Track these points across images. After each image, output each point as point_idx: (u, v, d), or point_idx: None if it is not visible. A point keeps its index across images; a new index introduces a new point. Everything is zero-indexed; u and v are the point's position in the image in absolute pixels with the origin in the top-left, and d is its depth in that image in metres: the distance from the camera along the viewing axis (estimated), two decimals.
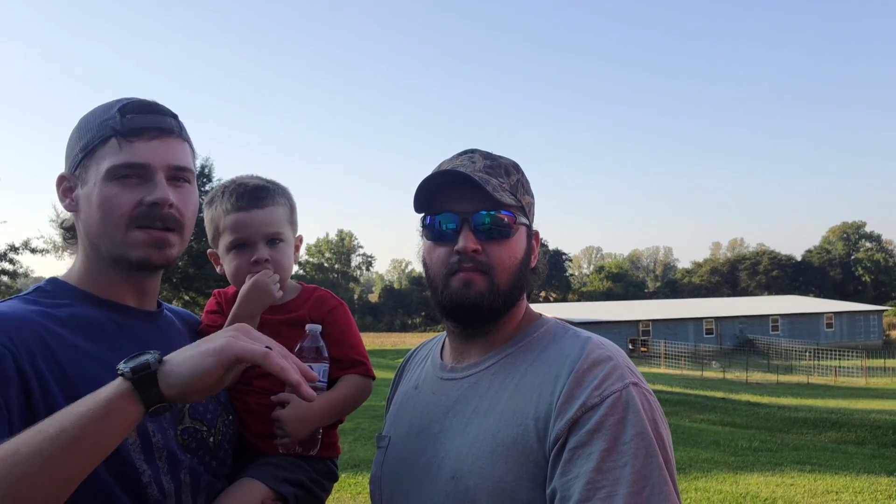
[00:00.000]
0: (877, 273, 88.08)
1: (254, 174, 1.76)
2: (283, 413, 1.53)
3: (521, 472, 1.25)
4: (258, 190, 1.68)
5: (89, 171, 1.37)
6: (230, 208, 1.66)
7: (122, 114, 1.37)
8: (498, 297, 1.38)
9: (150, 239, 1.37)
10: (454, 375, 1.47)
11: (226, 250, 1.69)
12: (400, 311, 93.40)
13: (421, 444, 1.42)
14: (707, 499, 7.26)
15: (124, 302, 1.43)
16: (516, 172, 1.46)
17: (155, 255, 1.38)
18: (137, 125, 1.37)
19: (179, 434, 1.38)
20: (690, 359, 40.21)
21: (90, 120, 1.40)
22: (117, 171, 1.34)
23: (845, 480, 8.23)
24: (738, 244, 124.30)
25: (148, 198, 1.35)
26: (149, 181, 1.36)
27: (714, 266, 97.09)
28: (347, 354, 1.69)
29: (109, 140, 1.35)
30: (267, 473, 1.54)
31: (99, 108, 1.42)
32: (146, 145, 1.36)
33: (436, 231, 1.42)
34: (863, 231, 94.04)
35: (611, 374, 1.26)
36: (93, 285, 1.41)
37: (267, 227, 1.66)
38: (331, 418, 1.65)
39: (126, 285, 1.43)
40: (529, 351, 1.40)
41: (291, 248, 1.74)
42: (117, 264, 1.39)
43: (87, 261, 1.42)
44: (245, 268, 1.65)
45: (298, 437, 1.55)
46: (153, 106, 1.42)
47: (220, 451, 1.48)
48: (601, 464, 1.16)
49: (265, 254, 1.65)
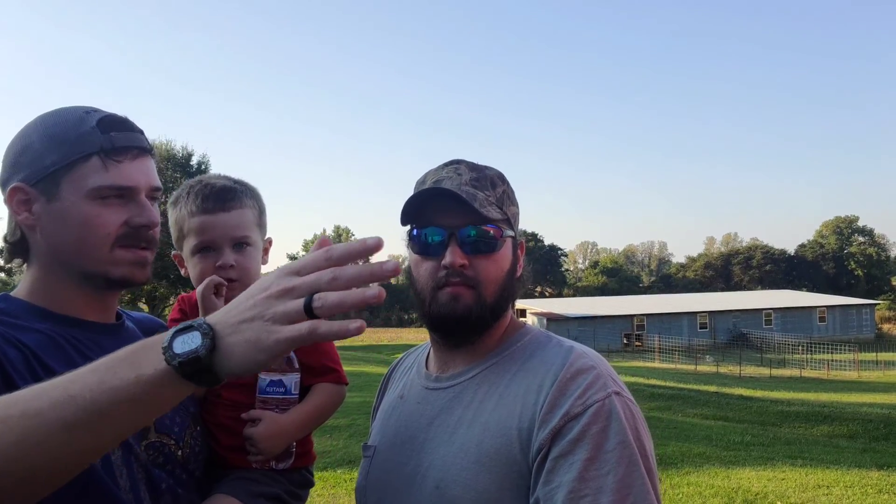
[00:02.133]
0: (869, 267, 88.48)
1: (221, 174, 1.70)
2: (256, 430, 1.49)
3: (505, 482, 1.26)
4: (225, 191, 1.61)
5: (61, 187, 1.30)
6: (195, 210, 1.60)
7: (104, 130, 1.32)
8: (485, 310, 1.40)
9: (135, 258, 1.36)
10: (439, 385, 1.48)
11: (190, 253, 1.62)
12: (396, 306, 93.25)
13: (406, 453, 1.43)
14: (699, 493, 7.31)
15: (85, 317, 1.38)
16: (502, 184, 1.47)
17: (138, 273, 1.37)
18: (121, 143, 1.33)
19: (144, 449, 1.34)
20: (684, 353, 40.34)
21: (61, 131, 1.31)
22: (105, 191, 1.31)
23: (836, 474, 8.30)
24: (731, 239, 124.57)
25: (137, 219, 1.34)
26: (131, 201, 1.34)
27: (708, 261, 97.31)
28: (320, 361, 1.63)
29: (91, 157, 1.30)
30: (241, 488, 1.50)
31: (66, 117, 1.34)
32: (131, 166, 1.34)
33: (422, 244, 1.42)
34: (856, 225, 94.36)
35: (594, 384, 1.27)
36: (49, 301, 1.35)
37: (233, 231, 1.60)
38: (305, 432, 1.60)
39: (90, 301, 1.38)
40: (513, 361, 1.42)
41: (259, 251, 1.67)
42: (89, 281, 1.35)
43: (46, 276, 1.36)
44: (209, 272, 1.58)
45: (272, 454, 1.52)
46: (129, 123, 1.39)
47: (189, 464, 1.44)
48: (584, 473, 1.17)
49: (231, 258, 1.59)
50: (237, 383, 1.56)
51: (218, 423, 1.56)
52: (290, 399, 1.54)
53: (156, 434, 1.38)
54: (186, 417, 1.47)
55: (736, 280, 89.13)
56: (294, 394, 1.55)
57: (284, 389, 1.54)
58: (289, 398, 1.54)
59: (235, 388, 1.57)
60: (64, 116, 1.35)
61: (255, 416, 1.51)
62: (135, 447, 1.32)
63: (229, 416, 1.55)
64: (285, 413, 1.54)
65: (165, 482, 1.36)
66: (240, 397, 1.56)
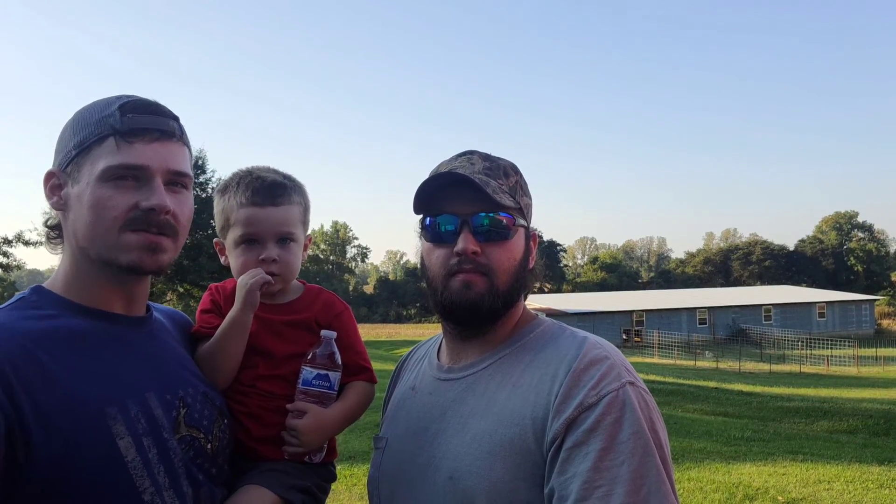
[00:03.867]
0: (869, 263, 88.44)
1: (271, 167, 1.68)
2: (301, 423, 1.49)
3: (518, 472, 1.25)
4: (276, 186, 1.60)
5: (82, 170, 1.30)
6: (244, 202, 1.59)
7: (123, 112, 1.30)
8: (497, 299, 1.39)
9: (143, 242, 1.30)
10: (451, 376, 1.47)
11: (234, 244, 1.62)
12: (395, 302, 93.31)
13: (419, 444, 1.43)
14: (700, 489, 7.31)
15: (112, 309, 1.36)
16: (515, 174, 1.46)
17: (147, 259, 1.32)
18: (138, 125, 1.30)
19: (177, 444, 1.33)
20: (684, 349, 40.37)
21: (87, 115, 1.33)
22: (113, 171, 1.28)
23: (837, 469, 8.29)
24: (731, 234, 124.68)
25: (144, 202, 1.29)
26: (146, 184, 1.30)
27: (707, 256, 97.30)
28: (355, 360, 1.64)
29: (107, 139, 1.29)
30: (275, 480, 1.49)
31: (97, 103, 1.35)
32: (146, 147, 1.30)
33: (435, 232, 1.42)
34: (855, 221, 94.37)
35: (608, 374, 1.26)
36: (79, 293, 1.34)
37: (280, 226, 1.60)
38: (343, 427, 1.61)
39: (114, 291, 1.36)
40: (526, 351, 1.41)
41: (301, 247, 1.67)
42: (106, 268, 1.32)
43: (74, 265, 1.35)
44: (252, 265, 1.58)
45: (312, 447, 1.52)
46: (155, 106, 1.36)
47: (218, 458, 1.44)
48: (598, 463, 1.17)
49: (274, 253, 1.59)
50: (273, 375, 1.57)
51: (251, 413, 1.55)
52: (331, 395, 1.55)
53: (186, 428, 1.36)
54: (214, 410, 1.46)
55: (735, 276, 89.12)
56: (335, 390, 1.56)
57: (329, 384, 1.54)
58: (330, 393, 1.55)
59: (271, 380, 1.57)
60: (96, 103, 1.35)
61: (301, 409, 1.51)
62: (169, 441, 1.31)
63: (264, 407, 1.55)
64: (328, 408, 1.55)
65: (198, 475, 1.35)
66: (276, 388, 1.56)
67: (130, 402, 1.26)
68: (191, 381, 1.43)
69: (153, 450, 1.27)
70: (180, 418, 1.36)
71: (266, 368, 1.58)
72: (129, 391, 1.28)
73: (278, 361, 1.58)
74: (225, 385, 1.55)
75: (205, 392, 1.45)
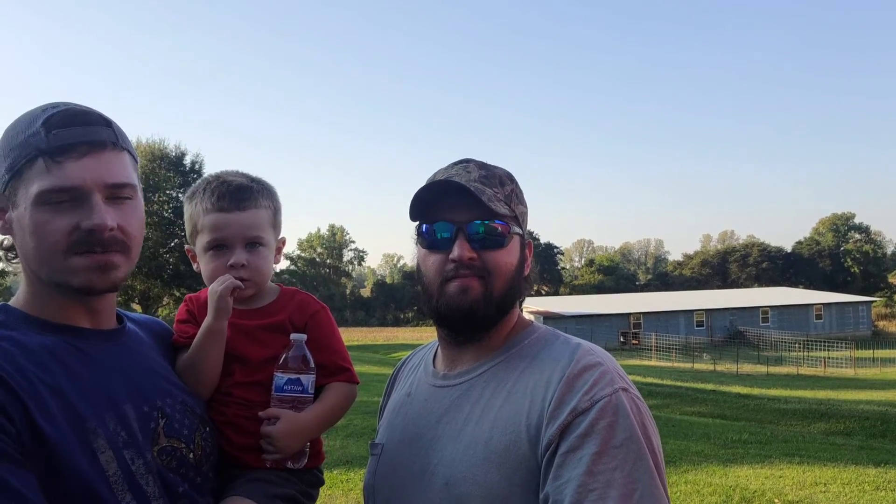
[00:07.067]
0: (866, 264, 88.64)
1: (239, 171, 1.66)
2: (274, 429, 1.47)
3: (514, 478, 1.27)
4: (241, 190, 1.58)
5: (18, 194, 1.24)
6: (210, 207, 1.57)
7: (48, 129, 1.23)
8: (491, 305, 1.40)
9: (91, 264, 1.25)
10: (447, 383, 1.48)
11: (203, 250, 1.60)
12: (392, 305, 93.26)
13: (414, 451, 1.43)
14: (697, 491, 7.32)
15: (79, 324, 1.32)
16: (510, 183, 1.48)
17: (98, 279, 1.27)
18: (64, 141, 1.23)
19: (157, 455, 1.30)
20: (681, 351, 40.42)
21: (14, 136, 1.25)
22: (47, 196, 1.22)
23: (833, 472, 8.31)
24: (728, 236, 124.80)
25: (85, 223, 1.23)
26: (84, 204, 1.24)
27: (704, 258, 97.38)
28: (333, 361, 1.62)
29: (36, 161, 1.22)
30: (257, 490, 1.48)
31: (22, 119, 1.28)
32: (76, 164, 1.23)
33: (431, 239, 1.43)
34: (852, 222, 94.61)
35: (601, 380, 1.28)
36: (44, 310, 1.30)
37: (247, 231, 1.58)
38: (321, 430, 1.59)
39: (76, 309, 1.32)
40: (521, 358, 1.42)
41: (272, 251, 1.65)
42: (61, 289, 1.29)
43: (31, 285, 1.31)
44: (221, 271, 1.56)
45: (289, 452, 1.51)
46: (83, 116, 1.27)
47: (202, 466, 1.42)
48: (592, 467, 1.18)
49: (243, 258, 1.57)
50: (250, 381, 1.56)
51: (229, 422, 1.54)
52: (306, 398, 1.53)
53: (166, 439, 1.34)
54: (194, 419, 1.44)
55: (732, 277, 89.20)
56: (310, 393, 1.54)
57: (302, 388, 1.53)
58: (305, 397, 1.53)
59: (248, 387, 1.56)
60: (21, 119, 1.29)
61: (272, 415, 1.49)
62: (149, 453, 1.29)
63: (242, 415, 1.54)
64: (303, 411, 1.53)
65: (181, 486, 1.34)
66: (252, 396, 1.55)
67: (108, 416, 1.24)
68: (169, 391, 1.42)
69: (134, 463, 1.25)
70: (159, 429, 1.34)
71: (243, 375, 1.56)
72: (106, 405, 1.26)
73: (255, 367, 1.57)
74: (208, 394, 1.54)
75: (184, 401, 1.43)
